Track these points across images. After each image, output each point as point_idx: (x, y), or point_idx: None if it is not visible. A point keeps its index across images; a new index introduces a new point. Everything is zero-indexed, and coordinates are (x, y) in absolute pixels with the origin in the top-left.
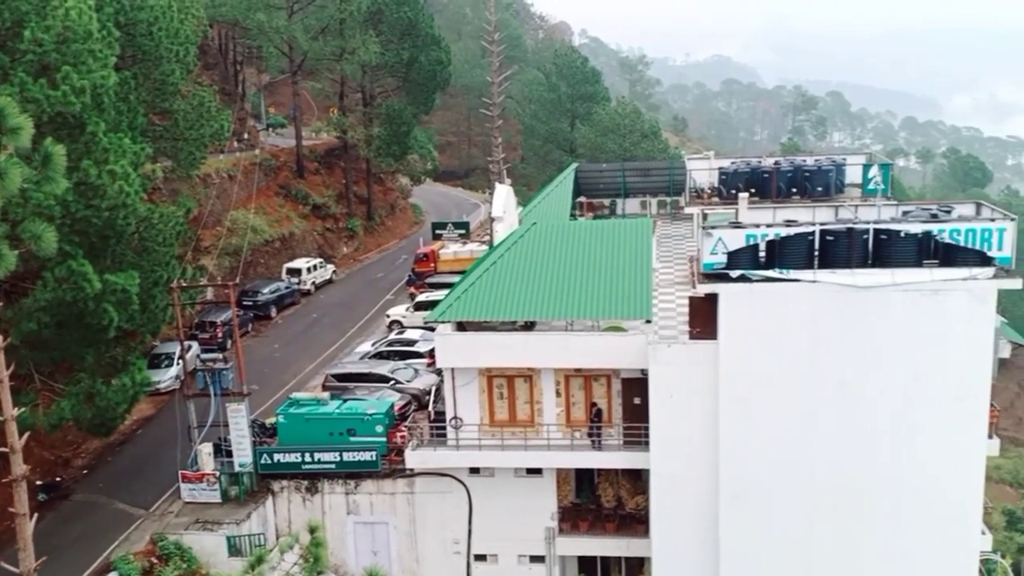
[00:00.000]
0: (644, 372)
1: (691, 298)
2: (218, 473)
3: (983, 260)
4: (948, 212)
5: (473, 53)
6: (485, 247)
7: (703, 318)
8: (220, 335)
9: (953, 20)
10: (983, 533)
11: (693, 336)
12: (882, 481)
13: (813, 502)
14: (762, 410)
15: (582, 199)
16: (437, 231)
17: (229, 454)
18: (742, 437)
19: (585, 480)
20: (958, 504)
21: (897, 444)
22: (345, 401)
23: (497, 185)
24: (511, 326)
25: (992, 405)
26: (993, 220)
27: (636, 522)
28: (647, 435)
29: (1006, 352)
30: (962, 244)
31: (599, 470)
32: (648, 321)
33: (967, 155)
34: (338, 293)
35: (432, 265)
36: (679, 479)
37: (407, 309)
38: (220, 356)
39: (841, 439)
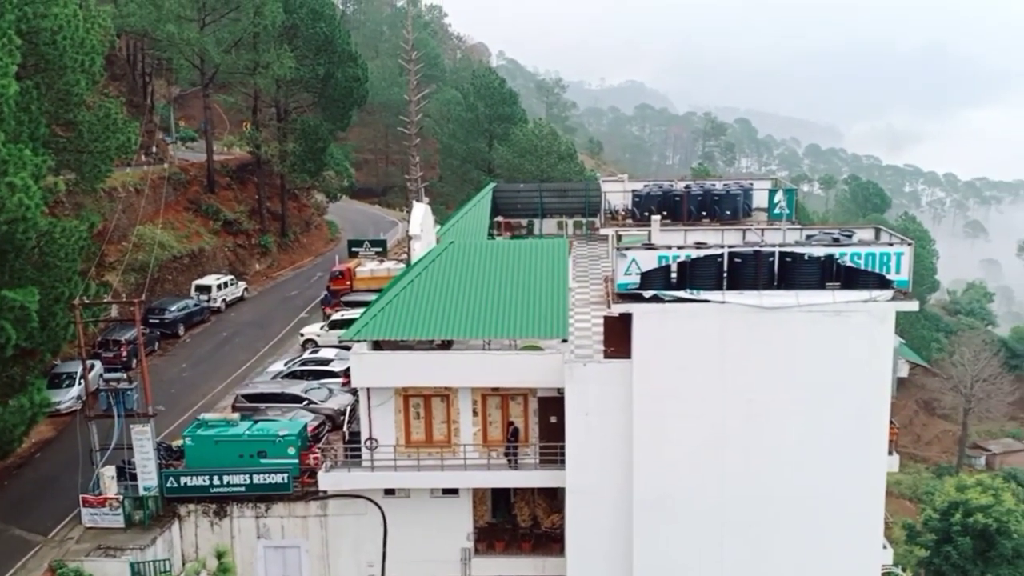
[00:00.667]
0: (560, 391)
1: (606, 318)
2: (121, 497)
3: (882, 283)
4: (849, 236)
5: (391, 71)
6: (402, 265)
7: (617, 337)
8: (125, 354)
9: (852, 52)
10: (884, 547)
11: (608, 355)
12: (789, 495)
13: (724, 516)
14: (674, 426)
15: (500, 219)
16: (353, 249)
17: (133, 477)
18: (655, 453)
19: (501, 499)
20: (861, 518)
21: (802, 459)
22: (256, 422)
23: (415, 203)
24: (428, 345)
25: (892, 422)
26: (891, 244)
27: (552, 541)
28: (563, 453)
29: (904, 371)
30: (863, 267)
31: (515, 489)
32: (564, 340)
33: (867, 182)
34: (250, 311)
35: (348, 283)
36: (594, 496)
37: (322, 328)
38: (124, 376)
39: (749, 455)
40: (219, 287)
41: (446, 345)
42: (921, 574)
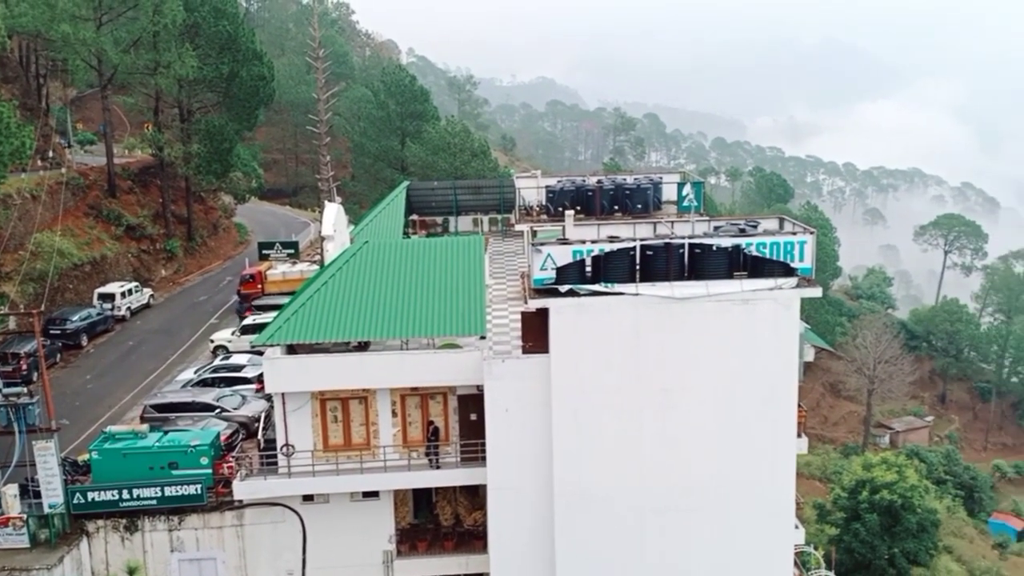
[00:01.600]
0: (480, 388)
1: (523, 313)
2: (25, 516)
3: (787, 271)
4: (755, 227)
5: (298, 69)
6: (316, 267)
7: (535, 332)
8: (25, 367)
9: (753, 49)
10: (796, 527)
11: (526, 350)
12: (705, 482)
13: (643, 506)
14: (592, 419)
15: (414, 217)
16: (264, 251)
17: (37, 495)
18: (574, 446)
19: (423, 500)
20: (773, 500)
21: (716, 446)
22: (166, 433)
23: (327, 203)
24: (344, 347)
25: (800, 406)
26: (795, 234)
27: (475, 538)
28: (484, 450)
29: (810, 356)
30: (768, 256)
31: (437, 489)
32: (483, 337)
33: (771, 173)
34: (157, 318)
35: (259, 287)
36: (515, 492)
37: (233, 333)
38: (25, 390)
39: (666, 443)
40: (123, 295)
41: (363, 347)
42: (832, 551)
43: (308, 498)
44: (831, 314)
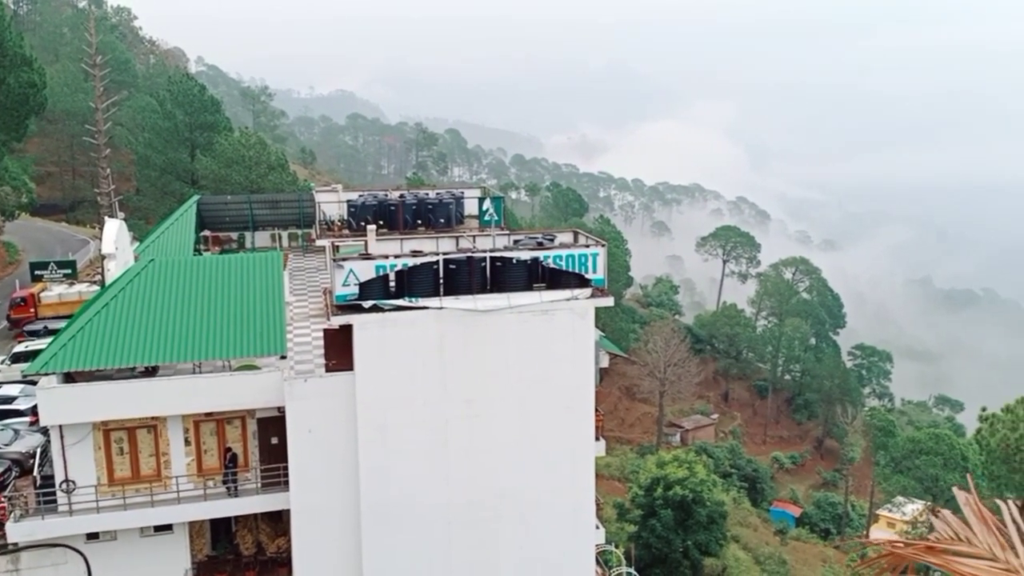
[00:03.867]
0: (281, 410)
1: (326, 330)
2: None
3: (582, 282)
4: (552, 240)
5: (74, 76)
6: (96, 288)
7: (339, 349)
8: None
9: (547, 70)
10: (597, 527)
11: (330, 368)
12: (509, 490)
13: (450, 518)
14: (399, 435)
15: (207, 233)
16: (37, 272)
17: None
18: (381, 464)
19: (222, 530)
20: (575, 503)
21: (519, 454)
22: None
23: (108, 219)
24: (130, 373)
25: (597, 410)
26: (588, 246)
27: (279, 566)
28: (287, 474)
29: (605, 362)
30: (564, 268)
31: (237, 517)
32: (283, 357)
33: (567, 188)
34: None
35: (32, 310)
36: (320, 514)
37: (3, 362)
38: None
39: (471, 455)
40: None
41: (151, 372)
42: (631, 548)
43: (93, 536)
44: (625, 321)
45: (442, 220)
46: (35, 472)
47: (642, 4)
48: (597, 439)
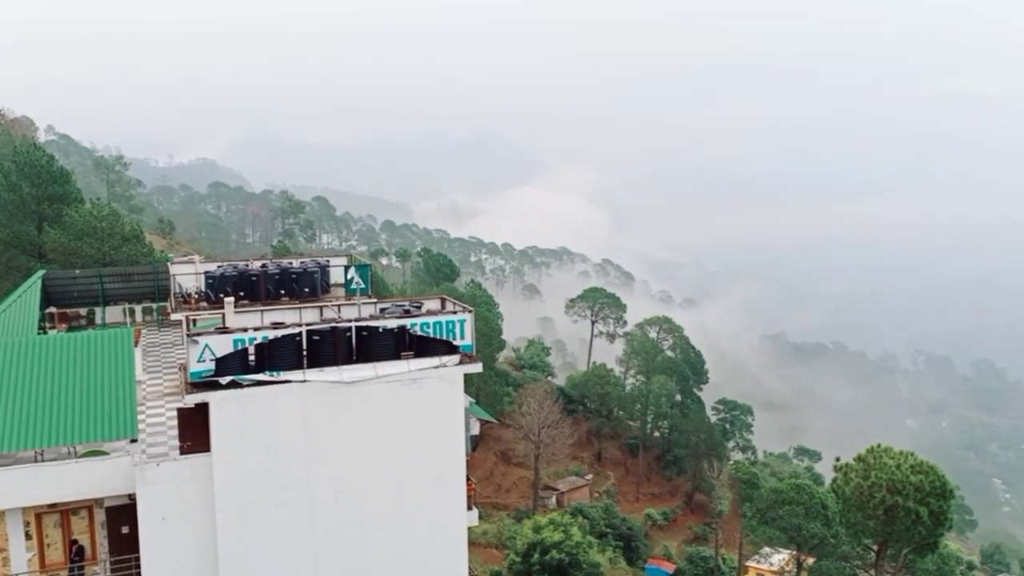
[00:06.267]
0: (132, 497)
1: (179, 410)
2: None
3: (450, 348)
4: (419, 307)
5: None
6: None
7: (195, 430)
8: None
9: (413, 139)
10: None
11: (185, 450)
12: (380, 566)
13: None
14: (261, 517)
15: (53, 309)
16: None
17: None
18: (242, 549)
19: None
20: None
21: (390, 528)
22: None
23: None
24: None
25: (469, 479)
26: (456, 312)
27: None
28: (139, 566)
29: (476, 429)
30: (432, 335)
31: None
32: (134, 440)
33: (438, 254)
34: None
35: None
36: None
37: None
38: None
39: (340, 532)
40: None
41: None
42: None
43: None
44: (499, 385)
45: (306, 290)
46: None
47: (504, 67)
48: (470, 508)
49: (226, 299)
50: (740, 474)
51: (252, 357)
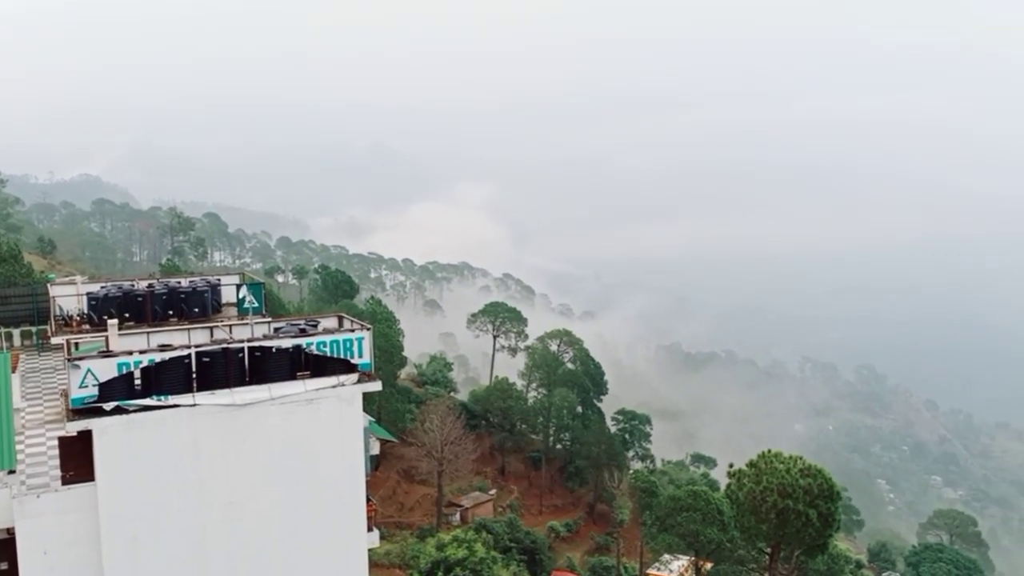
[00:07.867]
0: (11, 531)
1: (61, 438)
2: None
3: (348, 367)
4: (315, 326)
5: None
6: None
7: (78, 458)
8: None
9: (308, 153)
10: None
11: (67, 480)
12: None
13: None
14: (151, 548)
15: None
16: None
17: None
18: None
19: None
20: None
21: (288, 554)
22: None
23: None
24: None
25: (370, 499)
26: (353, 331)
27: None
28: None
29: (376, 449)
30: (329, 354)
31: None
32: (12, 471)
33: (336, 270)
34: None
35: None
36: None
37: None
38: None
39: (234, 560)
40: None
41: None
42: None
43: None
44: (401, 402)
45: (196, 310)
46: None
47: (401, 85)
48: (370, 529)
49: (110, 321)
50: (640, 483)
51: (138, 381)
